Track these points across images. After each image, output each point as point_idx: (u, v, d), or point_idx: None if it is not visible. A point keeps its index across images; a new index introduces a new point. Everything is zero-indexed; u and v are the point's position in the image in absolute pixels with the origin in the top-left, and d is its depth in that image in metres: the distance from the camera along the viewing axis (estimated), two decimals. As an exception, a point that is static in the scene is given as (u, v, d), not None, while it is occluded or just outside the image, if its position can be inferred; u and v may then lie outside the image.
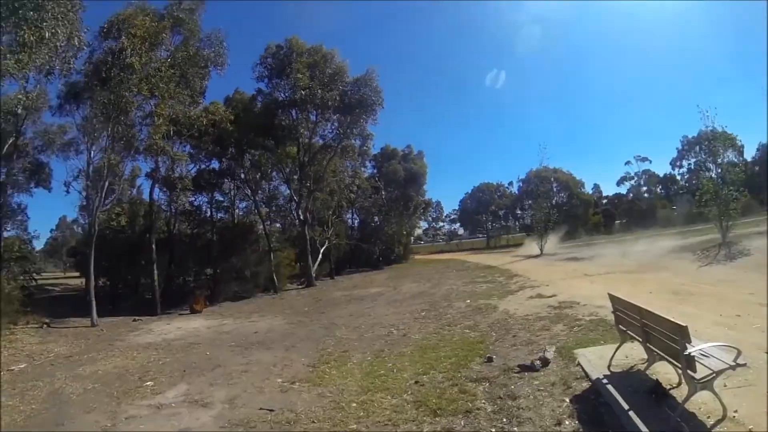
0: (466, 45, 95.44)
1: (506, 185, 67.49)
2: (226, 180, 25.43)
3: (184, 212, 25.56)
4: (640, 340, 5.32)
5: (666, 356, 4.64)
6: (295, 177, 26.50)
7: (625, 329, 5.85)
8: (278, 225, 30.80)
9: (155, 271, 19.78)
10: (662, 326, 4.58)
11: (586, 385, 5.59)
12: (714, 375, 4.17)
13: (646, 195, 60.88)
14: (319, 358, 8.82)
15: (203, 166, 25.05)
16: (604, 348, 6.82)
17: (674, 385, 5.02)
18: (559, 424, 4.67)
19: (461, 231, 75.42)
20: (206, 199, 26.01)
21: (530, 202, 57.86)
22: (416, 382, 6.47)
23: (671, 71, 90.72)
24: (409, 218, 45.73)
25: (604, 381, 5.50)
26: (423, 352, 8.19)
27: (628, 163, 61.74)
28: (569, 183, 55.19)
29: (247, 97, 25.33)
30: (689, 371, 4.16)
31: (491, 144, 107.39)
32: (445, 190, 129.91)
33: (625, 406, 4.73)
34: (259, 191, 26.91)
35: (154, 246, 20.04)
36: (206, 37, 19.71)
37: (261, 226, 26.66)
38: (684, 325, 4.15)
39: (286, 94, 24.36)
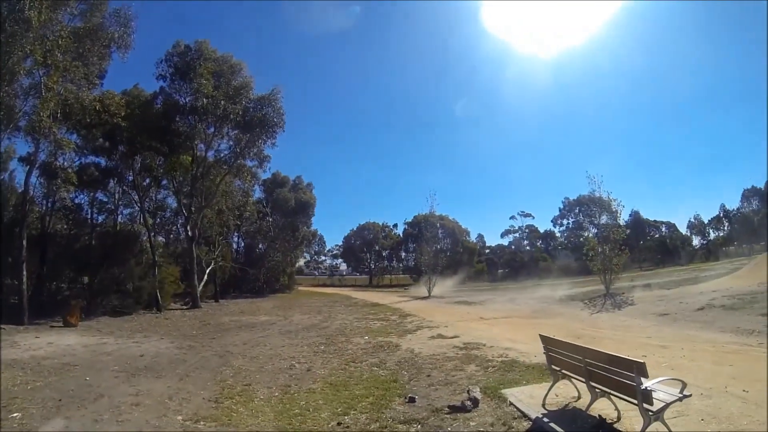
0: (366, 85, 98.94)
1: (391, 226, 69.49)
2: (111, 181, 22.50)
3: (63, 209, 22.20)
4: (580, 378, 5.49)
5: (614, 392, 4.89)
6: (185, 190, 24.35)
7: (558, 369, 6.02)
8: (161, 239, 27.81)
9: (24, 273, 16.90)
10: (613, 364, 4.77)
11: (526, 424, 5.57)
12: (665, 406, 4.47)
13: (527, 248, 66.76)
14: (220, 391, 7.77)
15: (87, 161, 22.25)
16: (531, 387, 7.02)
17: (614, 420, 5.24)
18: None
19: (342, 266, 75.36)
20: (87, 199, 22.93)
21: (414, 245, 60.53)
22: (339, 424, 5.75)
23: (558, 135, 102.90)
24: (295, 248, 44.66)
25: (545, 420, 5.51)
26: (335, 390, 7.55)
27: (512, 217, 68.03)
28: (455, 230, 58.35)
29: (146, 95, 22.92)
30: (645, 404, 4.37)
31: (378, 184, 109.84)
32: (328, 225, 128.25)
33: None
34: (147, 199, 24.21)
35: (24, 242, 17.03)
36: (114, 13, 17.76)
37: (145, 237, 23.98)
38: (641, 361, 4.40)
39: (187, 100, 22.56)
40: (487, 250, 69.49)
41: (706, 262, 47.68)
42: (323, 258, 64.89)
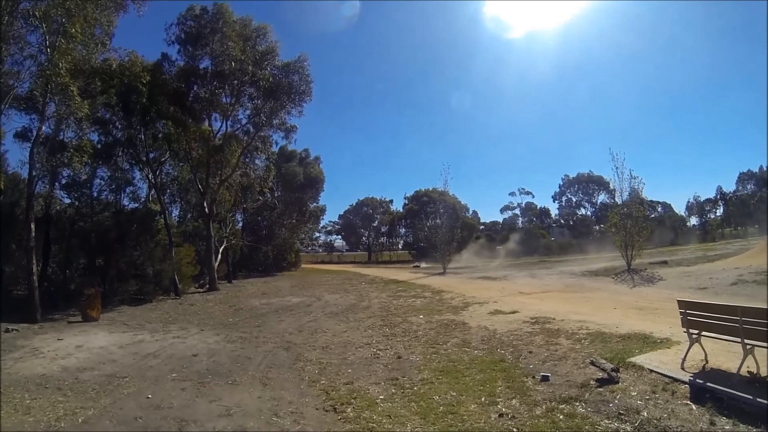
0: (364, 62, 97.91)
1: (388, 202, 69.77)
2: (120, 154, 20.76)
3: (70, 185, 20.24)
4: (730, 338, 5.91)
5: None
6: (202, 163, 23.21)
7: (697, 332, 6.43)
8: (174, 216, 26.57)
9: (34, 261, 14.80)
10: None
11: (683, 388, 5.76)
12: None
13: (520, 225, 67.78)
14: (325, 395, 6.63)
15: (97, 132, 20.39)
16: (653, 354, 7.39)
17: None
18: (713, 424, 4.78)
19: (338, 242, 75.26)
20: (102, 174, 21.11)
21: (411, 221, 60.82)
22: (501, 415, 5.43)
23: (555, 116, 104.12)
24: (304, 224, 44.11)
25: (699, 381, 5.81)
26: (452, 377, 7.09)
27: (512, 194, 69.08)
28: (455, 206, 58.46)
29: (148, 63, 21.00)
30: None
31: (374, 160, 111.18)
32: (322, 201, 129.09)
33: (749, 396, 5.16)
34: (161, 174, 22.87)
35: (33, 225, 14.89)
36: None
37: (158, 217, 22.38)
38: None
39: (205, 65, 21.44)
40: (482, 226, 70.24)
41: (704, 242, 48.85)
42: (317, 234, 64.30)
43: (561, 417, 5.29)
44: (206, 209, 23.14)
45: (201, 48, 21.15)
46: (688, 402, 5.36)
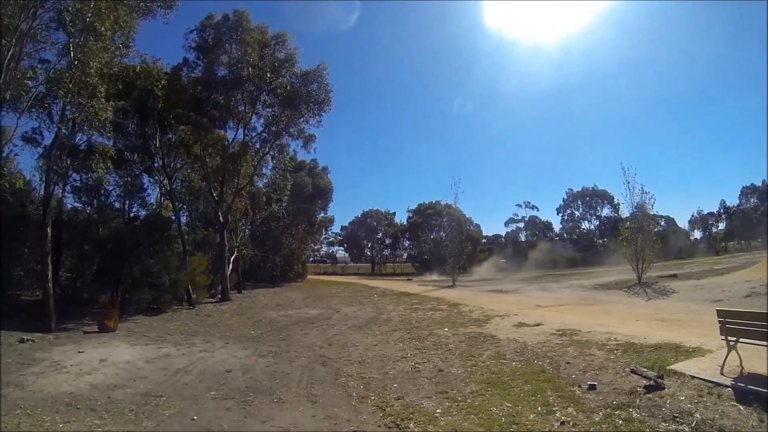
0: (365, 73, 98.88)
1: (392, 214, 70.12)
2: (135, 160, 20.75)
3: (82, 190, 20.16)
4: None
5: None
6: (218, 170, 23.31)
7: (734, 339, 6.81)
8: (184, 224, 26.46)
9: (49, 268, 14.27)
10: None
11: (727, 391, 6.13)
12: None
13: (523, 239, 68.30)
14: (381, 411, 6.54)
15: (98, 140, 19.36)
16: (690, 362, 7.74)
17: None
18: (762, 421, 5.15)
19: (339, 254, 75.52)
20: (112, 179, 21.06)
21: (411, 233, 61.18)
22: (562, 423, 5.65)
23: (558, 128, 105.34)
24: (312, 235, 44.27)
25: (741, 384, 6.23)
26: (500, 389, 7.22)
27: (518, 205, 70.00)
28: (460, 219, 58.95)
29: (163, 70, 20.87)
30: None
31: (377, 173, 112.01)
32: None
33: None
34: (176, 181, 22.91)
35: (49, 230, 14.60)
36: None
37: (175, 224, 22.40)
38: None
39: (224, 72, 21.57)
40: (484, 240, 70.61)
41: (708, 256, 49.29)
42: (318, 246, 64.40)
43: (620, 422, 5.54)
44: (221, 218, 23.15)
45: (219, 55, 21.32)
46: (735, 403, 5.70)
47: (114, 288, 17.97)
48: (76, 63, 13.74)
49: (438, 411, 6.37)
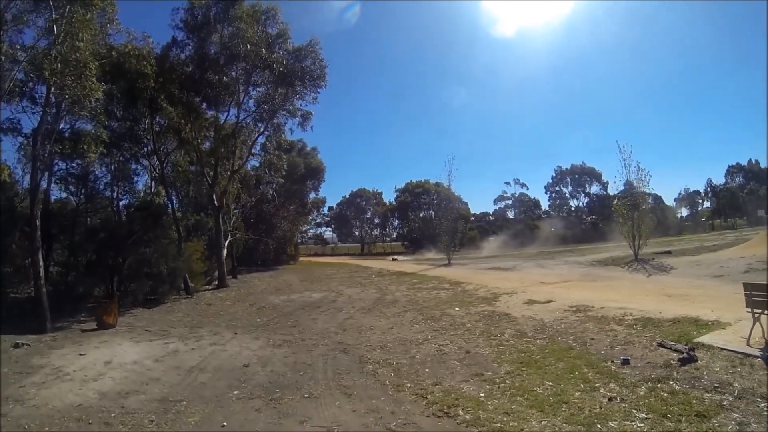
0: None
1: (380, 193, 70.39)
2: (126, 145, 20.01)
3: (69, 178, 19.21)
4: None
5: None
6: (206, 149, 22.93)
7: (760, 311, 7.22)
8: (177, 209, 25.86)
9: (41, 264, 13.36)
10: None
11: (757, 361, 6.55)
12: None
13: (512, 216, 69.11)
14: (423, 399, 6.34)
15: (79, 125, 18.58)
16: (715, 334, 8.09)
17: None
18: None
19: (327, 235, 75.52)
20: (103, 168, 20.34)
21: (402, 212, 61.46)
22: (610, 399, 5.76)
23: (546, 108, 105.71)
24: (305, 216, 44.13)
25: None
26: (535, 368, 7.30)
27: (507, 183, 70.50)
28: (450, 197, 59.33)
29: (153, 50, 20.04)
30: None
31: (364, 152, 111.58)
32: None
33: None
34: (167, 165, 22.20)
35: (39, 223, 13.54)
36: None
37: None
38: None
39: (216, 50, 20.76)
40: (472, 218, 71.22)
41: (695, 233, 50.47)
42: (306, 227, 64.24)
43: (665, 395, 5.79)
44: (215, 201, 22.76)
45: (211, 33, 20.53)
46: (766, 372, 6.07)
47: (109, 280, 17.46)
48: (62, 38, 12.89)
49: (481, 395, 6.34)
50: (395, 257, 46.25)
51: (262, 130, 24.38)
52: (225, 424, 5.82)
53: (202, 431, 5.68)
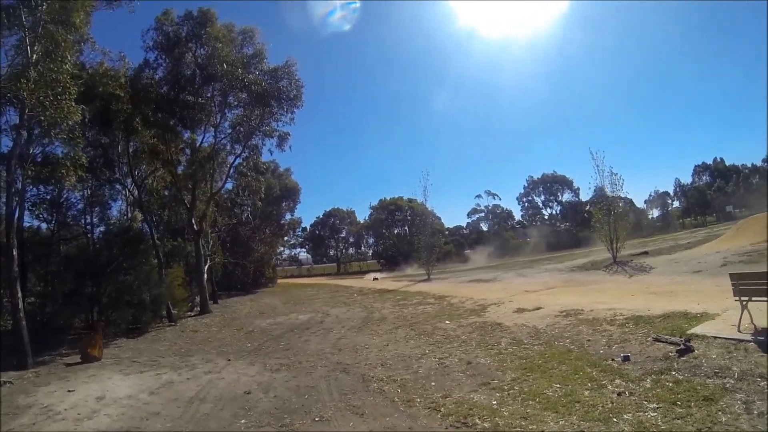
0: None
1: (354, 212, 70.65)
2: (101, 169, 19.58)
3: (49, 203, 18.42)
4: None
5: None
6: (183, 173, 22.59)
7: (747, 299, 7.69)
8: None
9: (19, 296, 12.81)
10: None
11: (750, 345, 6.94)
12: None
13: (485, 228, 70.21)
14: (436, 412, 6.38)
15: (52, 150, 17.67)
16: (705, 325, 8.48)
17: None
18: None
19: (302, 256, 75.22)
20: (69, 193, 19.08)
21: (376, 230, 61.74)
22: (619, 395, 6.01)
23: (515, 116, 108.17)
24: (281, 238, 43.81)
25: (761, 338, 7.04)
26: (540, 373, 7.49)
27: (479, 196, 71.77)
28: (424, 213, 60.09)
29: (128, 70, 20.15)
30: None
31: (337, 170, 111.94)
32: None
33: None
34: (143, 190, 21.63)
35: (15, 253, 12.90)
36: None
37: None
38: None
39: (191, 71, 20.76)
40: (446, 232, 72.02)
41: (667, 233, 52.20)
42: (280, 249, 63.81)
43: (670, 384, 6.08)
44: (195, 226, 22.47)
45: (184, 53, 20.60)
46: (763, 354, 6.47)
47: (89, 310, 17.01)
48: (39, 58, 12.78)
49: (494, 402, 6.43)
50: (376, 276, 46.15)
51: (239, 152, 24.33)
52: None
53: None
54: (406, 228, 56.94)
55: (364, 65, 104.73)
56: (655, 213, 75.70)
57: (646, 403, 5.59)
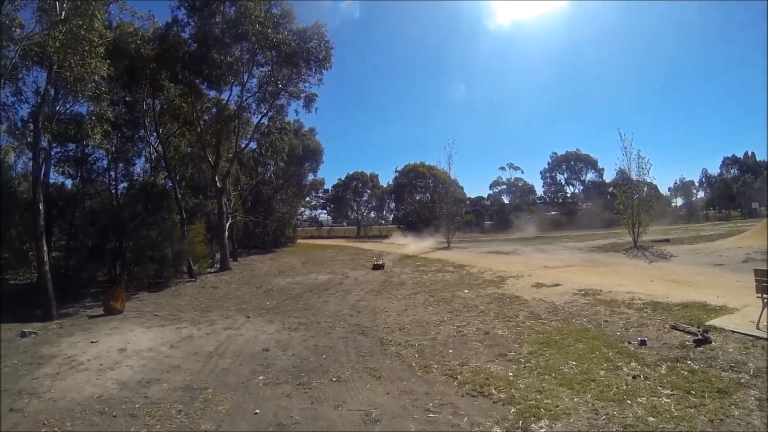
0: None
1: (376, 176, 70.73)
2: (126, 127, 20.04)
3: (74, 160, 19.00)
4: None
5: None
6: (210, 130, 22.72)
7: None
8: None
9: (44, 249, 13.24)
10: None
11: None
12: None
13: (506, 201, 69.85)
14: (453, 380, 6.54)
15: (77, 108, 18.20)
16: (725, 318, 8.54)
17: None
18: None
19: (322, 217, 75.85)
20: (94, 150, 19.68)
21: (398, 195, 61.87)
22: (634, 377, 6.16)
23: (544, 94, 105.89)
24: (303, 198, 44.16)
25: None
26: (557, 349, 7.63)
27: (502, 168, 70.98)
28: (445, 181, 59.80)
29: (150, 31, 20.11)
30: None
31: (360, 134, 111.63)
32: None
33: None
34: (167, 147, 21.91)
35: (41, 207, 13.25)
36: None
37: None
38: None
39: (221, 29, 20.22)
40: (468, 202, 71.79)
41: (689, 223, 51.38)
42: (301, 209, 64.46)
43: (685, 373, 6.22)
44: (218, 183, 22.76)
45: (214, 12, 20.14)
46: None
47: (112, 264, 17.45)
48: (69, 15, 12.79)
49: (510, 374, 6.60)
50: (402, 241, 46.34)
51: (265, 111, 24.30)
52: (257, 411, 5.69)
53: (235, 420, 5.51)
54: (428, 195, 56.72)
55: (395, 42, 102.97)
56: (679, 201, 74.43)
57: (660, 388, 5.75)
